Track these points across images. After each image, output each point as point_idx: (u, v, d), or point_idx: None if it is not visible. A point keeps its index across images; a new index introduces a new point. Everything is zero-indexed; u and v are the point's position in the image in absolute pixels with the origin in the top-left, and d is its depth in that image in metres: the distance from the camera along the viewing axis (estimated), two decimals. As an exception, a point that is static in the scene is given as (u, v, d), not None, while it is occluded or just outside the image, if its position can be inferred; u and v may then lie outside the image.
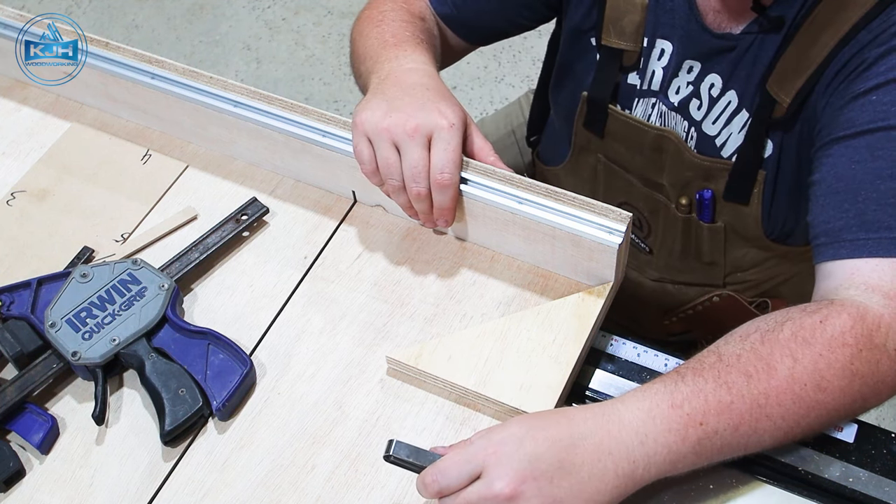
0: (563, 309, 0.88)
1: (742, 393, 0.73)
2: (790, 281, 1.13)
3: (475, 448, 0.71)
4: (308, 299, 0.92)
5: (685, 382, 0.73)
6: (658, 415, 0.72)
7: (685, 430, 0.72)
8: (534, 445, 0.70)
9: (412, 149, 0.84)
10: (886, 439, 0.82)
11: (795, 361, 0.74)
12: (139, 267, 0.90)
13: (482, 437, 0.72)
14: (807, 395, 0.73)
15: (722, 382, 0.73)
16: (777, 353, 0.74)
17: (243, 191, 1.00)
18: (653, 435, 0.72)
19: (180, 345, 0.87)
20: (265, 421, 0.84)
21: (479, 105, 2.30)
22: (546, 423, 0.72)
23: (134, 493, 0.81)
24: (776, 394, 0.73)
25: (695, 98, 1.00)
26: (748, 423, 0.73)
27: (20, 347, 0.86)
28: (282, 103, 0.96)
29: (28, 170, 1.03)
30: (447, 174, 0.84)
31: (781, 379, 0.73)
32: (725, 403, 0.72)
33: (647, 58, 1.01)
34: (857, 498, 0.80)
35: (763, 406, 0.73)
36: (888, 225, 0.79)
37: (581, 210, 0.86)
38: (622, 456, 0.71)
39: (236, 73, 2.42)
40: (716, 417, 0.72)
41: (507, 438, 0.70)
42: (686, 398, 0.73)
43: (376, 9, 1.04)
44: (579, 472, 0.70)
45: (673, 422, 0.72)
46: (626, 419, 0.72)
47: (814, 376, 0.73)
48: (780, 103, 0.92)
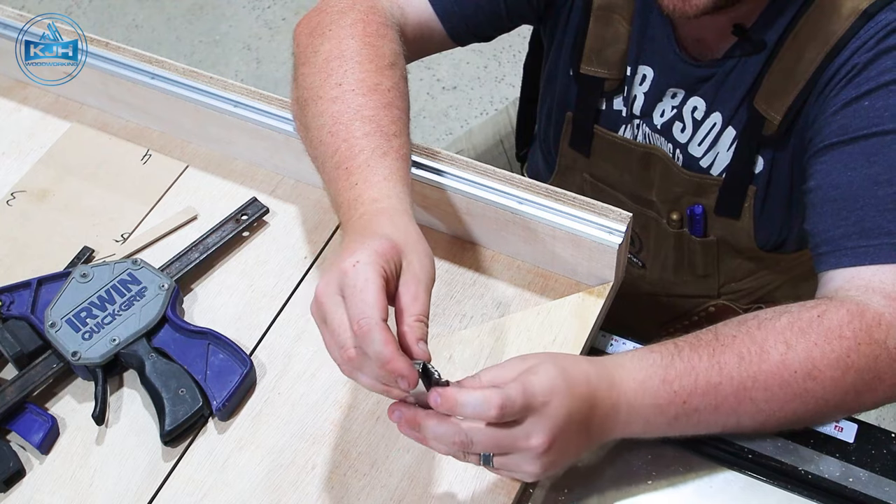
0: (563, 309, 0.88)
1: (731, 374, 0.73)
2: (784, 286, 1.13)
3: (515, 395, 0.66)
4: (308, 299, 0.91)
5: (681, 358, 0.74)
6: (649, 388, 0.73)
7: (667, 406, 0.73)
8: (570, 402, 0.69)
9: (328, 316, 0.68)
10: (886, 439, 0.82)
11: (788, 348, 0.74)
12: (139, 267, 0.90)
13: (521, 383, 0.67)
14: (795, 383, 0.73)
15: (714, 362, 0.73)
16: (771, 339, 0.74)
17: (243, 191, 1.00)
18: (637, 405, 0.73)
19: (180, 345, 0.87)
20: (265, 421, 0.84)
21: (480, 105, 2.30)
22: (577, 379, 0.70)
23: (134, 493, 0.81)
24: (764, 378, 0.73)
25: (678, 121, 1.00)
26: (730, 405, 0.74)
27: (20, 347, 0.86)
28: (282, 103, 0.96)
29: (28, 170, 1.03)
30: (363, 320, 0.64)
31: (772, 363, 0.73)
32: (713, 384, 0.73)
33: (629, 85, 1.01)
34: (857, 498, 0.80)
35: (749, 389, 0.73)
36: (888, 230, 0.79)
37: (581, 210, 0.86)
38: (612, 420, 0.73)
39: (236, 73, 2.42)
40: (700, 397, 0.73)
41: (551, 391, 0.68)
42: (678, 375, 0.73)
43: (333, 59, 0.84)
44: (589, 432, 0.72)
45: (659, 396, 0.73)
46: (623, 388, 0.73)
47: (805, 364, 0.73)
48: (771, 120, 0.92)
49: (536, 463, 0.69)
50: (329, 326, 0.68)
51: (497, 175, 0.88)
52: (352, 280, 0.66)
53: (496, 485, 0.79)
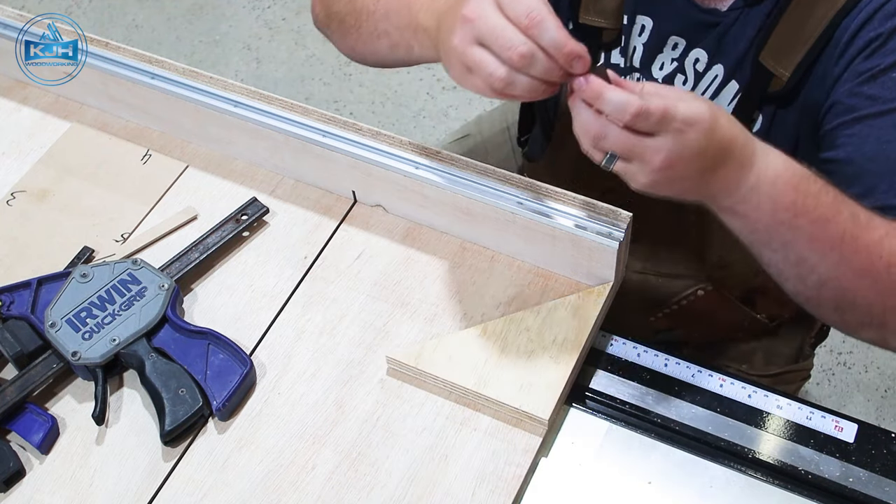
0: (563, 309, 0.88)
1: (841, 222, 0.78)
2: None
3: (654, 109, 0.70)
4: (308, 299, 0.92)
5: (815, 182, 0.78)
6: (779, 184, 0.77)
7: (782, 209, 0.77)
8: (706, 142, 0.72)
9: (486, 23, 0.72)
10: (886, 439, 0.83)
11: (888, 235, 0.78)
12: (139, 267, 0.90)
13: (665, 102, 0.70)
14: (876, 265, 0.78)
15: (837, 204, 0.78)
16: (878, 220, 0.79)
17: (243, 191, 1.00)
18: (762, 190, 0.76)
19: (180, 345, 0.87)
20: (265, 421, 0.84)
21: (480, 105, 2.30)
22: (723, 128, 0.74)
23: (134, 493, 0.81)
24: (863, 243, 0.78)
25: (679, 74, 1.00)
26: (823, 246, 0.78)
27: (20, 347, 0.86)
28: (282, 103, 0.96)
29: (28, 170, 1.03)
30: (534, 12, 0.70)
31: (872, 237, 0.78)
32: (825, 219, 0.77)
33: (628, 35, 1.01)
34: (857, 498, 0.80)
35: (846, 243, 0.78)
36: None
37: (581, 210, 0.86)
38: (733, 185, 0.76)
39: (236, 73, 2.42)
40: (809, 224, 0.77)
41: (693, 122, 0.71)
42: (806, 193, 0.77)
43: None
44: (707, 180, 0.75)
45: (783, 197, 0.77)
46: (759, 168, 0.76)
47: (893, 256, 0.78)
48: (778, 76, 0.91)
49: (650, 176, 0.73)
50: (487, 34, 0.71)
51: (497, 175, 0.88)
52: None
53: (496, 485, 0.79)
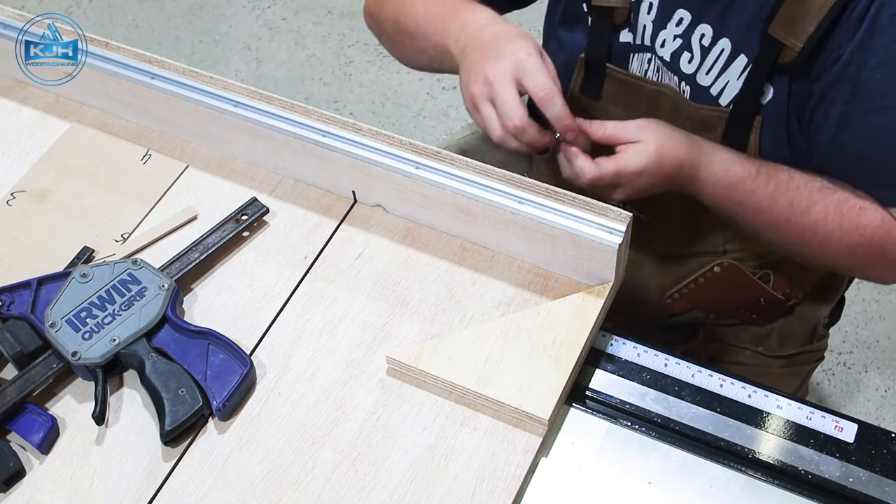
0: (563, 309, 0.88)
1: (776, 211, 0.95)
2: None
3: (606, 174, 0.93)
4: (308, 299, 0.92)
5: (755, 182, 0.95)
6: (721, 186, 0.96)
7: (719, 203, 0.98)
8: (654, 181, 0.94)
9: (499, 92, 0.91)
10: (886, 439, 0.83)
11: (826, 218, 0.95)
12: (139, 267, 0.90)
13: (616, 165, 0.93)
14: (810, 241, 0.97)
15: (773, 195, 0.95)
16: (820, 206, 0.95)
17: (243, 191, 1.00)
18: (706, 194, 0.97)
19: (180, 345, 0.87)
20: (265, 421, 0.84)
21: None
22: (668, 165, 0.94)
23: (134, 493, 0.81)
24: (796, 225, 0.96)
25: (686, 51, 1.00)
26: (766, 222, 0.97)
27: (20, 347, 0.86)
28: (282, 103, 0.96)
29: (28, 170, 1.03)
30: (546, 89, 0.91)
31: (808, 221, 0.95)
32: (762, 207, 0.96)
33: (636, 13, 1.02)
34: (857, 498, 0.80)
35: (782, 224, 0.97)
36: None
37: (581, 210, 0.86)
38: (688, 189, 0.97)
39: (236, 73, 2.42)
40: (741, 208, 0.97)
41: (641, 172, 0.93)
42: (745, 192, 0.96)
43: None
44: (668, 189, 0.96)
45: (721, 195, 0.97)
46: (703, 176, 0.96)
47: (825, 237, 0.95)
48: (790, 47, 0.91)
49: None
50: (498, 101, 0.91)
51: (497, 175, 0.88)
52: (528, 66, 0.91)
53: (496, 485, 0.79)
